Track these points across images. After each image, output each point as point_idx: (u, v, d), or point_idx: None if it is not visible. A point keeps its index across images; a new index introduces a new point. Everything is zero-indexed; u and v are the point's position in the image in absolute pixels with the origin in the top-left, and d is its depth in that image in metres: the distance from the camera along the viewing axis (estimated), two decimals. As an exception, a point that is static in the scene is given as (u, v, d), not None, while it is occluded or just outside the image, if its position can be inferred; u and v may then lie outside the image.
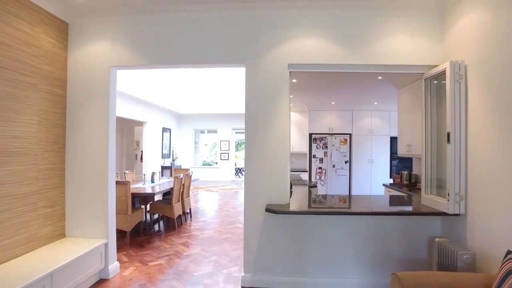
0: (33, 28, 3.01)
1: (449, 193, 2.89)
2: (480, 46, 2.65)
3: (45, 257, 2.90)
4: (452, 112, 2.87)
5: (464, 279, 2.07)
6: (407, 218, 3.28)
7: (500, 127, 2.39)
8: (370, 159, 8.50)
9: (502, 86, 2.37)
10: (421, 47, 3.29)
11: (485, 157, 2.56)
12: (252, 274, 3.35)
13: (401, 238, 3.28)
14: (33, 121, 3.04)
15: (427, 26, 3.28)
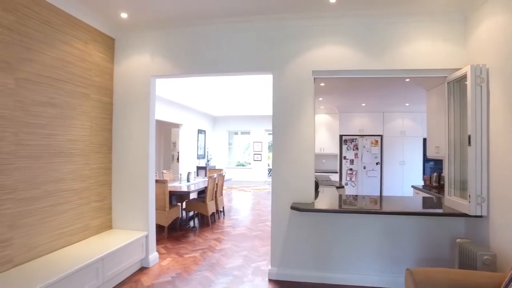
0: (86, 45, 3.46)
1: (470, 194, 2.94)
2: (502, 49, 2.69)
3: (96, 244, 3.32)
4: (473, 115, 2.92)
5: (477, 277, 2.16)
6: (430, 218, 3.34)
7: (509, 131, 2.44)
8: (402, 161, 8.39)
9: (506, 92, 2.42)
10: (444, 51, 3.35)
11: (507, 160, 2.60)
12: (278, 267, 3.58)
13: (423, 238, 3.35)
14: (86, 126, 3.49)
15: (450, 30, 3.33)
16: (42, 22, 2.90)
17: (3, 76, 2.55)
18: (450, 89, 3.44)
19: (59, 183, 3.12)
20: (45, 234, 2.97)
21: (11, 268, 2.63)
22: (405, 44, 3.41)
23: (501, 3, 2.70)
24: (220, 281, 3.53)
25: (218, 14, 3.53)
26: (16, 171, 2.67)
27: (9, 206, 2.61)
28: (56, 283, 2.50)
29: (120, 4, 3.27)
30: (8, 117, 2.58)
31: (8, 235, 2.60)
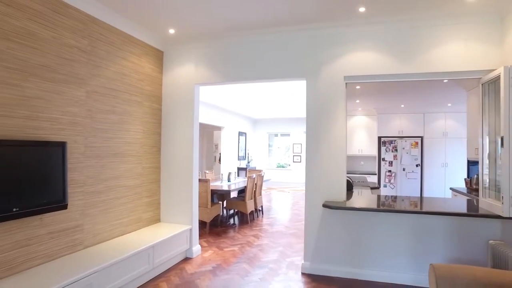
0: (139, 59, 3.94)
1: (503, 196, 2.96)
2: (532, 52, 2.71)
3: (148, 234, 3.77)
4: (506, 116, 2.94)
5: (500, 275, 2.23)
6: (464, 219, 3.37)
7: (548, 131, 2.46)
8: (444, 163, 8.14)
9: (550, 92, 2.44)
10: (478, 52, 3.36)
11: (538, 161, 2.61)
12: (311, 262, 3.80)
13: (456, 239, 3.39)
14: (139, 130, 3.96)
15: (484, 31, 3.34)
16: (106, 43, 3.40)
17: (78, 89, 3.07)
18: (485, 90, 3.43)
19: (117, 180, 3.61)
20: (106, 223, 3.46)
21: (81, 250, 3.13)
22: (436, 47, 3.48)
23: (532, 5, 2.72)
24: (256, 272, 3.82)
25: (254, 26, 3.82)
26: (85, 169, 3.17)
27: (80, 198, 3.11)
28: (117, 264, 2.94)
29: (169, 22, 3.69)
30: (80, 124, 3.09)
31: (80, 221, 3.11)
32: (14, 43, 2.52)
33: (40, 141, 2.69)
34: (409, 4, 3.21)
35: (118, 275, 2.97)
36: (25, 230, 2.62)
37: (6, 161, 2.42)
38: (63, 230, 2.96)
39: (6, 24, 2.46)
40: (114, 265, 2.92)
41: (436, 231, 3.45)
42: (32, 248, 2.68)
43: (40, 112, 2.72)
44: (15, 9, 2.52)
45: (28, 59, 2.63)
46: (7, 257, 2.49)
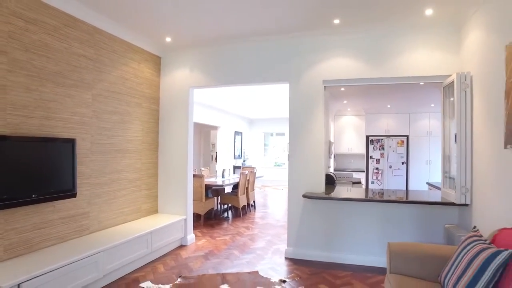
0: (139, 64, 4.37)
1: (456, 186, 3.40)
2: (478, 60, 3.15)
3: (146, 223, 4.19)
4: (458, 116, 3.38)
5: (440, 249, 2.66)
6: (426, 207, 3.81)
7: (491, 130, 2.90)
8: (428, 160, 8.59)
9: (490, 96, 2.88)
10: (439, 59, 3.80)
11: (485, 155, 3.03)
12: (293, 248, 4.23)
13: (420, 225, 3.83)
14: (139, 129, 4.39)
15: (444, 40, 3.77)
16: (110, 51, 3.84)
17: (85, 93, 3.50)
18: (446, 93, 3.89)
19: (119, 173, 4.03)
20: (110, 212, 3.88)
21: (88, 234, 3.56)
22: (403, 54, 3.91)
23: (479, 20, 3.15)
24: (245, 257, 4.25)
25: (244, 34, 4.24)
26: (91, 163, 3.60)
27: (87, 188, 3.54)
28: (120, 246, 3.38)
29: (166, 31, 4.12)
30: (87, 123, 3.52)
31: (87, 209, 3.53)
32: (33, 54, 2.94)
33: (54, 137, 3.12)
34: (377, 16, 3.65)
35: (121, 256, 3.40)
36: (41, 214, 3.05)
37: (27, 154, 2.84)
38: (72, 216, 3.38)
39: (26, 37, 2.88)
40: (117, 247, 3.35)
41: (402, 218, 3.89)
42: (46, 230, 3.11)
43: (54, 113, 3.15)
44: (33, 25, 2.95)
45: (44, 67, 3.05)
46: (27, 237, 2.91)
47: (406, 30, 3.88)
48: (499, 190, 2.70)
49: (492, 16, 2.85)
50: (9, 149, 2.71)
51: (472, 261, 2.06)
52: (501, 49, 2.52)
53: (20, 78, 2.85)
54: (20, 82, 2.84)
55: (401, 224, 3.89)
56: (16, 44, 2.81)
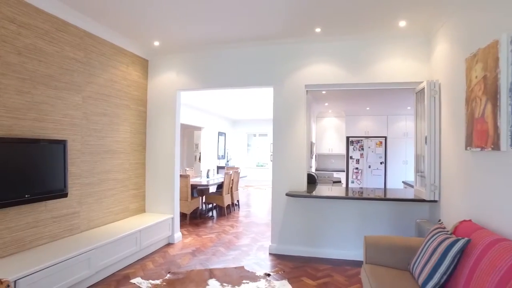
0: (127, 67, 4.48)
1: (426, 184, 3.70)
2: (445, 70, 3.45)
3: (135, 221, 4.31)
4: (428, 119, 3.68)
5: (409, 240, 2.93)
6: (400, 204, 4.11)
7: (455, 133, 3.20)
8: (405, 160, 9.01)
9: (454, 103, 3.17)
10: (412, 67, 4.10)
11: (451, 156, 3.33)
12: (277, 244, 4.45)
13: (395, 220, 4.12)
14: (127, 130, 4.50)
15: (417, 50, 4.08)
16: (99, 54, 3.94)
17: (76, 95, 3.59)
18: (418, 98, 4.19)
19: (108, 174, 4.13)
20: (99, 211, 3.98)
21: (78, 233, 3.65)
22: (380, 62, 4.20)
23: (445, 33, 3.46)
24: (230, 253, 4.43)
25: (230, 40, 4.43)
26: (82, 164, 3.69)
27: (78, 188, 3.63)
28: (111, 243, 3.49)
29: (154, 35, 4.25)
30: (78, 124, 3.61)
31: (77, 209, 3.63)
32: (25, 57, 3.03)
33: (46, 139, 3.21)
34: (355, 27, 3.92)
35: (112, 253, 3.52)
36: (34, 214, 3.13)
37: (20, 155, 2.93)
38: (63, 215, 3.47)
39: (18, 41, 2.97)
40: (109, 244, 3.47)
41: (379, 214, 4.17)
42: (39, 229, 3.19)
43: (45, 115, 3.24)
44: (25, 29, 3.03)
45: (36, 70, 3.14)
46: (20, 236, 3.00)
47: (382, 39, 4.16)
48: (460, 187, 3.00)
49: (455, 31, 3.15)
50: (2, 150, 2.79)
51: (436, 249, 2.32)
52: (462, 61, 2.81)
53: (13, 81, 2.93)
54: (13, 85, 2.93)
55: (378, 220, 4.17)
56: (8, 47, 2.89)
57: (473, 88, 2.57)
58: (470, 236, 2.25)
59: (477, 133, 2.50)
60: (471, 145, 2.64)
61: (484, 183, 2.52)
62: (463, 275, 2.06)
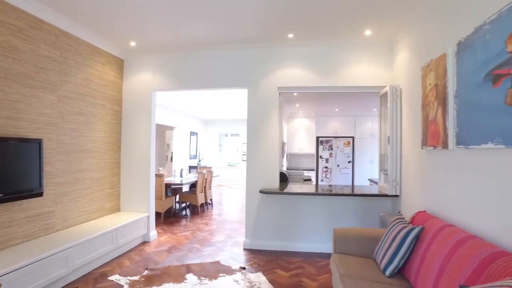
0: (103, 67, 4.48)
1: (389, 180, 4.03)
2: (405, 76, 3.79)
3: (111, 220, 4.33)
4: (391, 121, 4.01)
5: (372, 231, 3.22)
6: (365, 199, 4.43)
7: (413, 133, 3.53)
8: (371, 159, 9.51)
9: (412, 107, 3.51)
10: (376, 73, 4.43)
11: (409, 154, 3.66)
12: (251, 239, 4.63)
13: (361, 214, 4.43)
14: (102, 129, 4.50)
15: (381, 57, 4.42)
16: (75, 53, 3.93)
17: (51, 94, 3.58)
18: (382, 102, 4.53)
19: (83, 173, 4.13)
20: (75, 210, 3.97)
21: (53, 232, 3.64)
22: (347, 67, 4.50)
23: (405, 43, 3.80)
24: (206, 249, 4.56)
25: (206, 42, 4.55)
26: (57, 162, 3.68)
27: (53, 187, 3.62)
28: (88, 241, 3.52)
29: (131, 36, 4.29)
30: (53, 123, 3.60)
31: (52, 208, 3.61)
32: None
33: (21, 138, 3.19)
34: (325, 33, 4.18)
35: (89, 251, 3.55)
36: (8, 213, 3.11)
37: (-5, 154, 2.91)
38: (38, 215, 3.46)
39: (-7, 40, 2.94)
40: (86, 243, 3.49)
41: (346, 209, 4.47)
42: (13, 229, 3.17)
43: (20, 113, 3.22)
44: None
45: (10, 68, 3.12)
46: (-6, 235, 2.97)
47: (350, 46, 4.46)
48: (417, 182, 3.33)
49: (413, 42, 3.49)
50: (-22, 149, 2.76)
51: (395, 237, 2.60)
52: (418, 69, 3.14)
53: (-13, 79, 2.90)
54: (-13, 83, 2.90)
55: (346, 214, 4.47)
56: (-17, 45, 2.86)
57: (427, 94, 2.89)
58: (424, 224, 2.55)
59: (431, 133, 2.82)
60: (426, 144, 2.96)
61: (436, 178, 2.84)
62: (417, 257, 2.35)
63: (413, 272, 2.36)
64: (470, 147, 2.14)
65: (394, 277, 2.53)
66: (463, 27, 2.25)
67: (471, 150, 2.18)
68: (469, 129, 2.14)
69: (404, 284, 2.41)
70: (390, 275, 2.54)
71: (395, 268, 2.52)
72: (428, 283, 2.08)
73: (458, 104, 2.29)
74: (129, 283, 3.34)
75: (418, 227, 2.50)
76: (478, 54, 1.97)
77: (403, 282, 2.43)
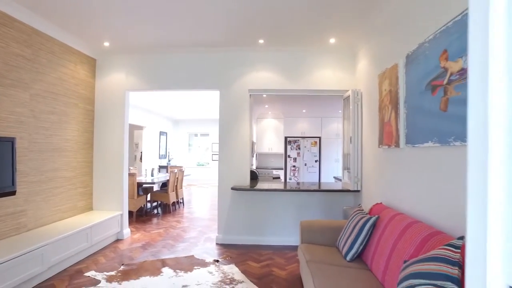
0: (76, 66, 4.49)
1: (351, 177, 4.40)
2: (365, 82, 4.16)
3: (84, 219, 4.36)
4: (353, 123, 4.38)
5: (338, 223, 3.55)
6: (330, 194, 4.78)
7: (372, 134, 3.90)
8: (337, 159, 10.01)
9: (371, 110, 3.88)
10: (341, 77, 4.79)
11: (369, 153, 4.04)
12: (223, 234, 4.83)
13: (326, 209, 4.78)
14: (75, 128, 4.51)
15: (345, 63, 4.78)
16: (48, 52, 3.93)
17: (23, 92, 3.58)
18: (345, 104, 4.90)
19: (56, 172, 4.13)
20: (47, 209, 3.98)
21: (25, 232, 3.63)
22: (314, 71, 4.82)
23: (365, 52, 4.18)
24: (180, 245, 4.71)
25: (179, 45, 4.70)
26: (29, 161, 3.68)
27: (25, 186, 3.62)
28: (64, 239, 3.56)
29: (104, 36, 4.34)
30: (25, 122, 3.60)
31: (24, 207, 3.61)
32: (-27, 54, 3.00)
33: (-6, 136, 3.19)
34: (293, 40, 4.47)
35: (65, 249, 3.59)
36: (-20, 212, 3.10)
37: (-32, 153, 2.90)
38: (10, 214, 3.45)
39: (-34, 38, 2.93)
40: (61, 240, 3.53)
41: (312, 204, 4.79)
42: (-15, 227, 3.16)
43: (-8, 112, 3.21)
44: (-27, 25, 3.00)
45: (-17, 67, 3.11)
46: (-33, 234, 2.96)
47: (317, 52, 4.79)
48: (375, 178, 3.70)
49: (371, 51, 3.87)
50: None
51: (355, 226, 2.93)
52: (376, 76, 3.50)
53: (-41, 77, 2.89)
54: (-41, 81, 2.89)
55: (312, 209, 4.79)
56: (-46, 43, 2.85)
57: (383, 98, 3.25)
58: (380, 214, 2.89)
59: (386, 134, 3.17)
60: (382, 144, 3.32)
61: (390, 173, 3.21)
62: (374, 243, 2.68)
63: (370, 256, 2.69)
64: (415, 145, 2.49)
65: (354, 261, 2.86)
66: (411, 42, 2.60)
67: (416, 148, 2.53)
68: (415, 130, 2.49)
69: (363, 266, 2.73)
70: (350, 259, 2.85)
71: (355, 253, 2.84)
72: (382, 263, 2.40)
73: (407, 108, 2.64)
74: (106, 278, 3.43)
75: (374, 216, 2.83)
76: (421, 66, 2.32)
77: (362, 265, 2.76)
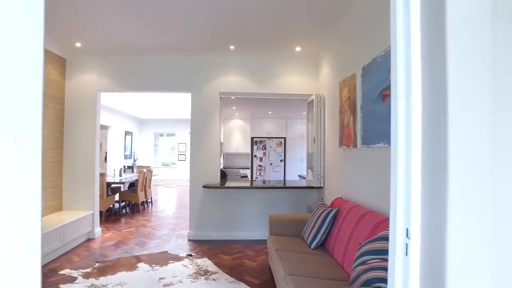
0: (45, 66, 4.49)
1: (314, 174, 4.80)
2: (327, 87, 4.58)
3: (56, 219, 4.37)
4: (316, 125, 4.78)
5: (303, 216, 3.91)
6: (296, 191, 5.15)
7: (333, 135, 4.31)
8: (301, 158, 10.52)
9: (332, 113, 4.29)
10: (305, 83, 5.18)
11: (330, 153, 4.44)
12: (194, 231, 5.04)
13: (292, 204, 5.14)
14: (44, 128, 4.50)
15: (310, 69, 5.18)
16: (20, 53, 3.92)
17: (-4, 93, 3.56)
18: (309, 107, 5.31)
19: (26, 171, 4.12)
20: (17, 209, 3.96)
21: (-3, 231, 3.62)
22: (281, 76, 5.17)
23: (327, 60, 4.59)
24: (152, 242, 4.86)
25: (152, 48, 4.84)
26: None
27: (-3, 186, 3.61)
28: (37, 238, 3.59)
29: (76, 37, 4.38)
30: (-1, 122, 3.59)
31: (-3, 206, 3.60)
32: None
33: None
34: (262, 47, 4.79)
35: (37, 247, 3.62)
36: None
37: None
38: (-19, 214, 3.44)
39: None
40: (35, 239, 3.57)
41: (279, 200, 5.15)
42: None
43: (-35, 112, 3.20)
44: None
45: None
46: None
47: (283, 58, 5.15)
48: (336, 175, 4.12)
49: (333, 60, 4.28)
50: None
51: (318, 218, 3.29)
52: (337, 83, 3.91)
53: None
54: None
55: (279, 205, 5.14)
56: None
57: (343, 104, 3.66)
58: (340, 207, 3.28)
59: (345, 135, 3.58)
60: (342, 144, 3.73)
61: (349, 170, 3.62)
62: (335, 232, 3.05)
63: (331, 244, 3.06)
64: (370, 146, 2.90)
65: (318, 249, 3.22)
66: (367, 55, 3.00)
67: (371, 148, 2.94)
68: (369, 133, 2.90)
69: (325, 253, 3.10)
70: (314, 247, 3.21)
71: (318, 242, 3.20)
72: (341, 249, 2.78)
73: (363, 113, 3.04)
74: (83, 275, 3.53)
75: (335, 209, 3.22)
76: (374, 78, 2.72)
77: (325, 252, 3.13)
